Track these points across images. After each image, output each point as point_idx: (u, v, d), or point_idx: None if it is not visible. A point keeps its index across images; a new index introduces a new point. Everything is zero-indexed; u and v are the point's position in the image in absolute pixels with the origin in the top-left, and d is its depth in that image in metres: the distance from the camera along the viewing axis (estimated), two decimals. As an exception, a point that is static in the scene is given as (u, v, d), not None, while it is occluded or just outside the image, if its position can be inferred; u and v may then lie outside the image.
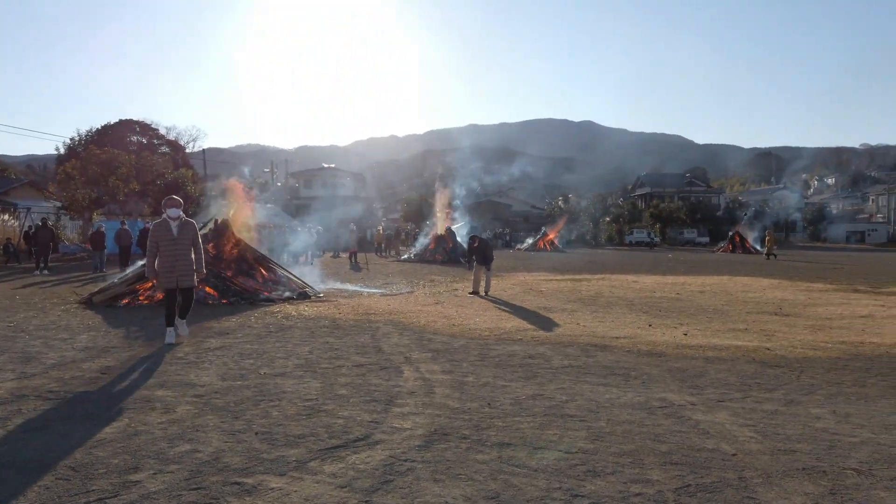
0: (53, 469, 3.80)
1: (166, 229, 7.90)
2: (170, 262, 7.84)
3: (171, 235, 7.87)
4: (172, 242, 7.86)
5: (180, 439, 4.34)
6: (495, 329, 9.21)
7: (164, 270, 7.87)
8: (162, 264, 7.86)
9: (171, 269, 7.86)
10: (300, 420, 4.81)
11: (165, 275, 7.88)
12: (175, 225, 7.94)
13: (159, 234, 7.89)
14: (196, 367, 6.65)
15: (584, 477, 3.71)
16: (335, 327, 9.38)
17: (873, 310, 11.40)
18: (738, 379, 6.17)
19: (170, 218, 7.97)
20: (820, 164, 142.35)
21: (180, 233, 7.92)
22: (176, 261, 7.85)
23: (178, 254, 7.87)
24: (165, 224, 7.94)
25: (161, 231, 7.91)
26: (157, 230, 7.94)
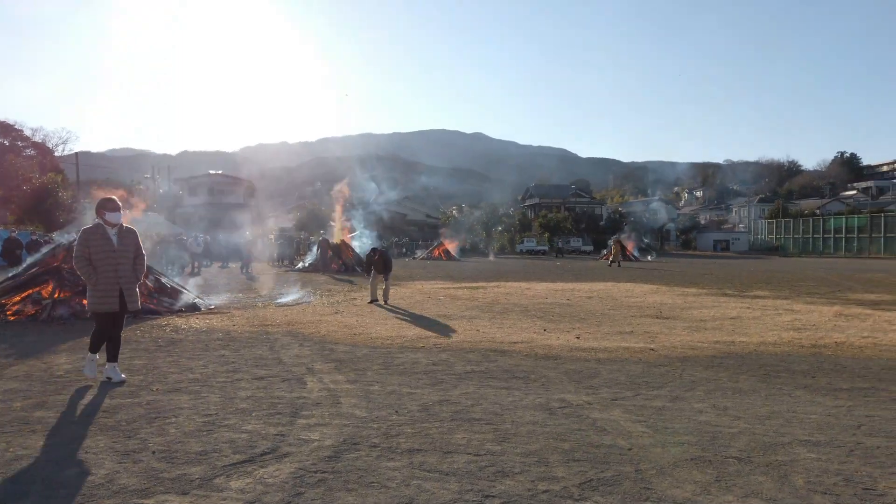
0: (-81, 503, 3.42)
1: (103, 238, 6.39)
2: (111, 278, 6.37)
3: (109, 246, 6.39)
4: (112, 255, 6.40)
5: (68, 462, 4.04)
6: (397, 337, 9.23)
7: (105, 289, 6.35)
8: (101, 282, 6.34)
9: (112, 288, 6.38)
10: (200, 436, 4.61)
11: (106, 295, 6.35)
12: (114, 233, 6.47)
13: (94, 245, 6.35)
14: (79, 385, 6.19)
15: (494, 478, 3.82)
16: (230, 339, 9.04)
17: (741, 311, 12.48)
18: (628, 378, 6.57)
19: (107, 224, 6.45)
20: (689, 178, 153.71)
21: (121, 243, 6.47)
22: (119, 277, 6.41)
23: (120, 269, 6.42)
24: (101, 231, 6.42)
25: (96, 240, 6.36)
26: (89, 239, 6.37)
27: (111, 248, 6.41)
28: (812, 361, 7.51)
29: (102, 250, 6.36)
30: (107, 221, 6.46)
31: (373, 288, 14.69)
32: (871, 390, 6.08)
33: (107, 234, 6.42)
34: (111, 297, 6.37)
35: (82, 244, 6.39)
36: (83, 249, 6.37)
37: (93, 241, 6.37)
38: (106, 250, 6.38)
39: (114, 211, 6.47)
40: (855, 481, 3.76)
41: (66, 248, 12.47)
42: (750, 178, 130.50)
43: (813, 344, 8.69)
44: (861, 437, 4.60)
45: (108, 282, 6.36)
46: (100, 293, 6.36)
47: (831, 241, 64.02)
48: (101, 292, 6.36)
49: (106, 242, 6.39)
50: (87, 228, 6.47)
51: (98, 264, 6.33)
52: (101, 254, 6.34)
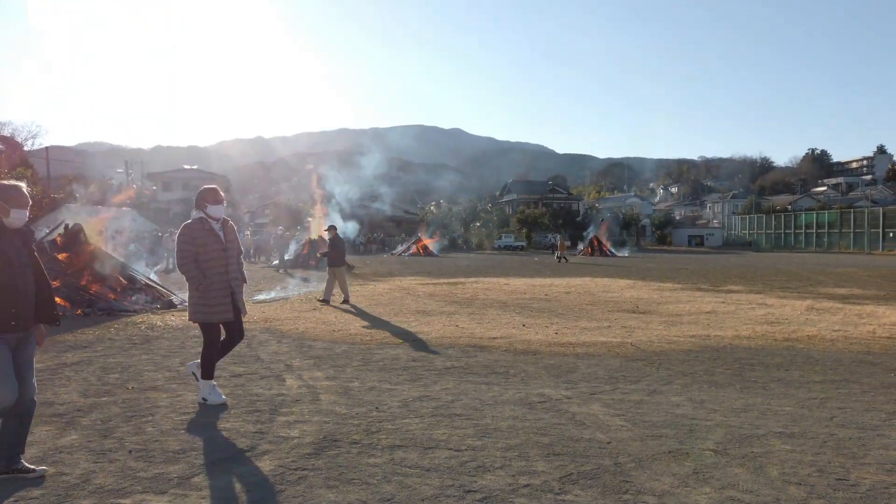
0: None
1: (210, 234, 5.41)
2: (223, 280, 5.39)
3: (218, 243, 5.42)
4: (222, 253, 5.42)
5: (42, 462, 3.96)
6: (376, 334, 9.21)
7: (217, 295, 5.35)
8: (212, 286, 5.34)
9: (225, 293, 5.40)
10: (178, 434, 4.56)
11: (218, 301, 5.36)
12: (219, 227, 5.50)
13: (201, 242, 5.36)
14: (52, 383, 6.08)
15: (475, 473, 3.84)
16: (207, 337, 8.93)
17: (715, 306, 12.67)
18: (607, 373, 6.63)
19: (210, 218, 5.47)
20: (664, 175, 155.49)
21: (227, 239, 5.51)
22: (231, 279, 5.45)
23: (230, 269, 5.45)
24: (207, 226, 5.42)
25: (203, 237, 5.37)
26: (195, 236, 5.37)
27: (220, 245, 5.42)
28: (785, 355, 7.66)
29: (212, 249, 5.37)
30: (210, 215, 5.46)
31: (329, 285, 13.66)
32: (843, 382, 6.22)
33: (213, 230, 5.44)
34: (224, 304, 5.39)
35: (188, 242, 5.36)
36: (189, 248, 5.35)
37: (200, 238, 5.35)
38: (215, 248, 5.38)
39: (217, 203, 5.50)
40: (828, 472, 3.84)
41: (36, 245, 12.22)
42: (724, 175, 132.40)
43: (786, 337, 8.86)
44: (833, 429, 4.70)
45: (220, 285, 5.37)
46: (211, 300, 5.33)
47: (802, 236, 65.24)
48: (213, 298, 5.33)
49: (214, 239, 5.40)
50: (190, 224, 5.43)
51: (206, 265, 5.34)
52: (210, 253, 5.36)
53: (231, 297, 5.44)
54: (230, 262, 5.46)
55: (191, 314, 5.46)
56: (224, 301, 5.39)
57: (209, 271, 5.34)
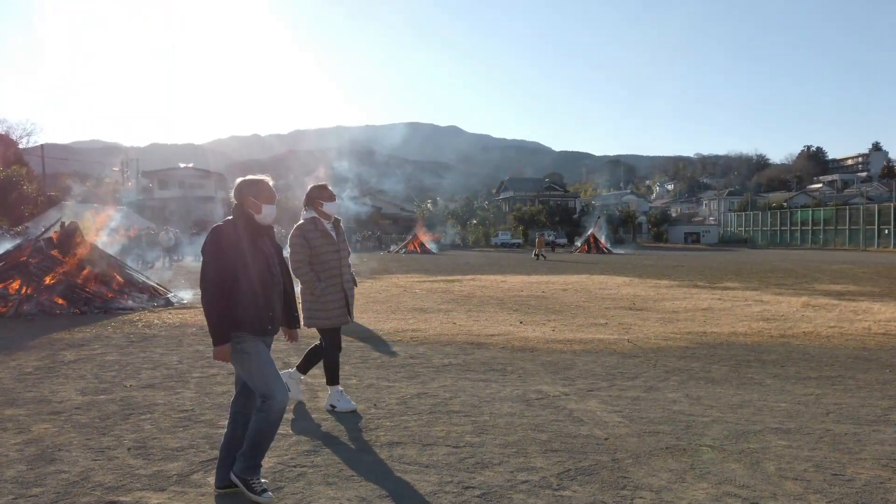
0: None
1: (324, 234, 5.10)
2: (338, 283, 5.13)
3: (332, 244, 5.13)
4: (336, 255, 5.14)
5: (41, 460, 3.96)
6: (374, 331, 9.22)
7: (333, 298, 5.10)
8: (328, 290, 5.09)
9: (340, 296, 5.14)
10: (176, 432, 4.56)
11: (335, 305, 5.12)
12: (331, 227, 5.21)
13: (315, 243, 5.05)
14: (50, 382, 6.07)
15: (474, 469, 3.85)
16: (204, 334, 8.93)
17: (712, 303, 12.71)
18: (604, 369, 6.65)
19: (324, 216, 5.17)
20: (660, 172, 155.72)
21: (339, 239, 5.22)
22: (344, 282, 5.20)
23: (344, 271, 5.21)
24: (320, 226, 5.11)
25: (316, 238, 5.05)
26: (308, 236, 5.04)
27: (334, 246, 5.14)
28: (781, 351, 7.69)
29: (325, 250, 5.09)
30: (324, 213, 5.17)
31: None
32: (839, 378, 6.25)
33: (326, 230, 5.14)
34: (340, 308, 5.14)
35: (301, 243, 5.04)
36: (303, 250, 5.04)
37: (313, 238, 5.06)
38: (329, 250, 5.10)
39: (332, 200, 5.21)
40: (824, 467, 3.87)
41: (31, 243, 12.21)
42: (720, 172, 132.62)
43: (782, 334, 8.89)
44: (830, 425, 4.73)
45: (336, 289, 5.12)
46: (328, 304, 5.10)
47: (798, 233, 65.45)
48: (329, 302, 5.10)
49: (328, 240, 5.11)
50: (303, 224, 5.12)
51: (321, 267, 5.07)
52: (324, 255, 5.08)
53: (345, 301, 5.17)
54: (343, 263, 5.20)
55: (306, 320, 5.09)
56: (340, 305, 5.13)
57: (323, 274, 5.07)
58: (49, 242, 12.49)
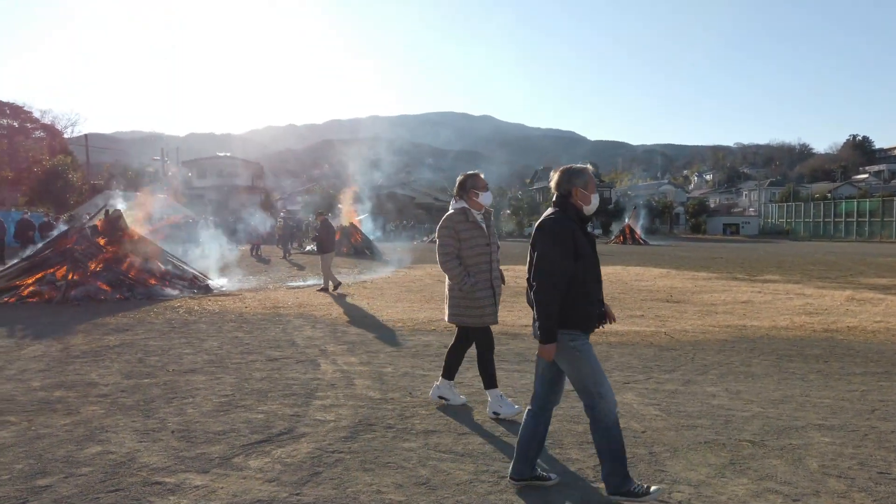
0: (-54, 480, 3.50)
1: (474, 227, 4.77)
2: (487, 279, 4.76)
3: (482, 237, 4.78)
4: (486, 248, 4.79)
5: (89, 441, 4.11)
6: (408, 320, 9.27)
7: (483, 295, 4.73)
8: (479, 286, 4.72)
9: (489, 293, 4.77)
10: (218, 416, 4.67)
11: (485, 303, 4.74)
12: (482, 219, 4.85)
13: (465, 235, 4.73)
14: (97, 365, 6.27)
15: (509, 460, 3.85)
16: (243, 321, 9.11)
17: (751, 296, 12.45)
18: (640, 362, 6.58)
19: (476, 207, 4.83)
20: (699, 162, 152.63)
21: (490, 232, 4.86)
22: (493, 278, 4.83)
23: (494, 266, 4.85)
24: (471, 218, 4.77)
25: (466, 230, 4.74)
26: (458, 228, 4.74)
27: (485, 239, 4.80)
28: (825, 346, 7.50)
29: (476, 244, 4.75)
30: (476, 204, 4.82)
31: (326, 273, 13.25)
32: (885, 375, 6.07)
33: (477, 222, 4.80)
34: (490, 305, 4.78)
35: (450, 236, 4.75)
36: (452, 242, 4.74)
37: (463, 230, 4.74)
38: (480, 243, 4.76)
39: (486, 190, 4.87)
40: (869, 465, 3.78)
41: (78, 230, 12.57)
42: (760, 162, 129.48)
43: (825, 328, 8.67)
44: (875, 422, 4.61)
45: (486, 285, 4.76)
46: (478, 301, 4.73)
47: (842, 225, 63.55)
48: (480, 300, 4.73)
49: (479, 233, 4.77)
50: (452, 215, 4.81)
51: (471, 261, 4.74)
52: (474, 248, 4.74)
53: (494, 298, 4.81)
54: (493, 258, 4.84)
55: (452, 316, 4.85)
56: (490, 303, 4.76)
57: (473, 269, 4.73)
58: (94, 230, 12.85)
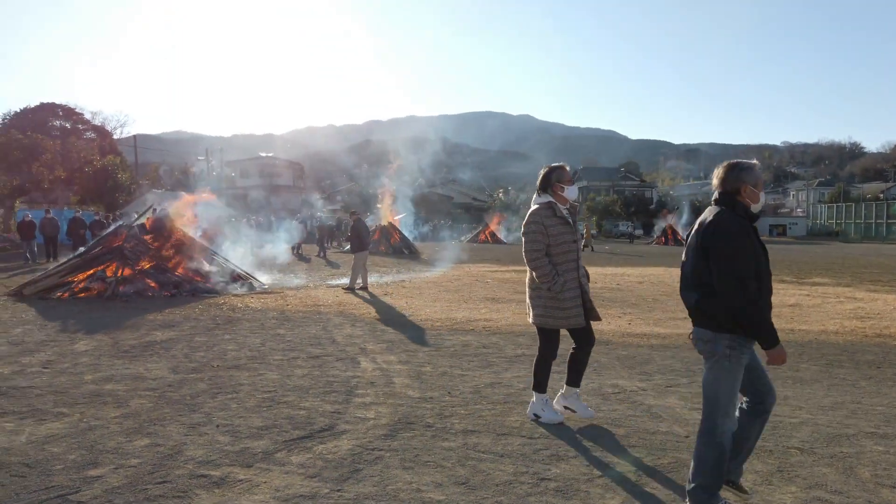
0: (6, 466, 3.64)
1: (561, 222, 4.51)
2: (574, 278, 4.50)
3: (569, 233, 4.53)
4: (573, 245, 4.56)
5: (138, 433, 4.23)
6: (446, 320, 9.29)
7: (570, 296, 4.47)
8: (566, 286, 4.46)
9: (576, 293, 4.51)
10: (261, 412, 4.75)
11: (571, 304, 4.48)
12: (567, 214, 4.59)
13: (552, 231, 4.46)
14: (144, 360, 6.46)
15: (549, 461, 3.83)
16: (285, 319, 9.26)
17: (799, 299, 12.09)
18: (683, 365, 6.46)
19: (561, 201, 4.58)
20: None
21: (576, 228, 4.65)
22: (580, 276, 4.57)
23: (580, 265, 4.61)
24: (557, 212, 4.52)
25: (553, 225, 4.48)
26: (545, 223, 4.47)
27: (572, 235, 4.55)
28: (877, 351, 7.24)
29: (563, 240, 4.49)
30: (562, 198, 4.58)
31: (355, 272, 13.25)
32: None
33: (564, 217, 4.54)
34: (577, 307, 4.50)
35: (538, 231, 4.47)
36: (540, 237, 4.46)
37: (551, 226, 4.47)
38: (568, 239, 4.51)
39: (571, 184, 4.64)
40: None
41: (126, 229, 12.95)
42: (809, 161, 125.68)
43: (878, 333, 8.37)
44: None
45: (573, 284, 4.49)
46: (565, 302, 4.46)
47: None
48: (567, 301, 4.46)
49: (566, 228, 4.51)
50: (539, 209, 4.55)
51: (559, 259, 4.47)
52: (561, 245, 4.48)
53: (582, 298, 4.54)
54: (579, 255, 4.61)
55: (536, 317, 4.60)
56: (577, 303, 4.49)
57: (560, 266, 4.46)
58: (142, 228, 13.22)
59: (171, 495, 3.30)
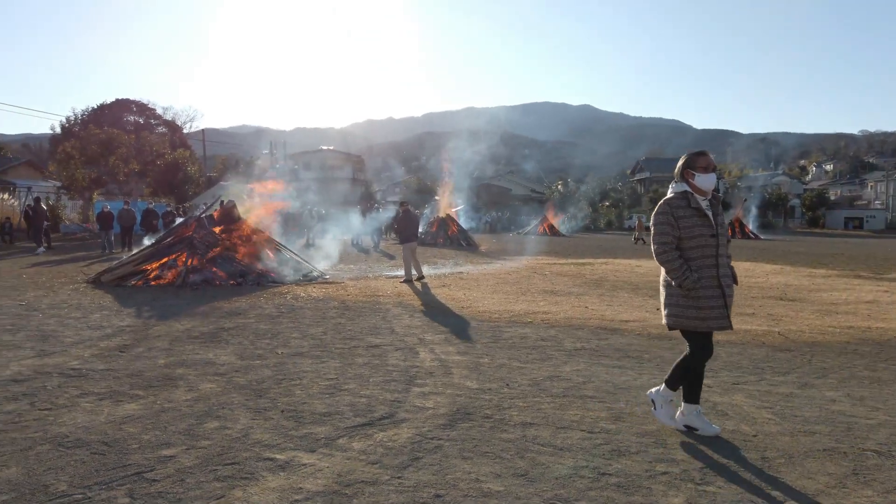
0: (87, 444, 3.85)
1: (697, 214, 4.09)
2: (713, 277, 4.05)
3: (708, 227, 4.08)
4: (711, 241, 4.07)
5: (208, 416, 4.40)
6: (504, 312, 9.27)
7: (707, 295, 4.02)
8: (702, 284, 4.02)
9: (716, 293, 4.04)
10: (323, 398, 4.87)
11: (709, 304, 4.02)
12: (706, 205, 4.16)
13: (686, 223, 4.06)
14: (213, 346, 6.71)
15: (610, 456, 3.78)
16: (345, 308, 9.43)
17: (877, 295, 11.49)
18: (751, 362, 6.24)
19: (697, 191, 4.16)
20: (818, 151, 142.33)
21: (719, 222, 4.16)
22: (721, 276, 4.07)
23: (721, 262, 4.10)
24: (693, 203, 4.11)
25: (686, 217, 4.07)
26: (676, 214, 4.09)
27: (710, 228, 4.08)
28: (964, 352, 6.81)
29: (699, 233, 4.05)
30: (697, 188, 4.15)
31: (407, 263, 13.28)
32: None
33: (701, 208, 4.10)
34: (718, 308, 4.04)
35: (667, 223, 4.09)
36: (670, 230, 4.08)
37: (684, 217, 4.08)
38: (704, 233, 4.06)
39: (708, 171, 4.15)
40: None
41: (195, 220, 13.44)
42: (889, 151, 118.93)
43: (965, 333, 7.87)
44: None
45: (711, 283, 4.04)
46: (701, 302, 4.02)
47: None
48: (704, 300, 4.02)
49: (702, 221, 4.07)
50: (671, 199, 4.17)
51: (692, 254, 4.07)
52: (696, 239, 4.05)
53: (723, 299, 4.07)
54: (721, 252, 4.11)
55: (670, 317, 4.16)
56: (717, 304, 4.03)
57: (694, 263, 4.05)
58: (210, 219, 13.71)
59: (240, 476, 3.42)
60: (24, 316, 8.41)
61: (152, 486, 3.29)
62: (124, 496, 3.18)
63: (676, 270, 4.04)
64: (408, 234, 13.52)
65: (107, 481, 3.34)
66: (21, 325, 7.73)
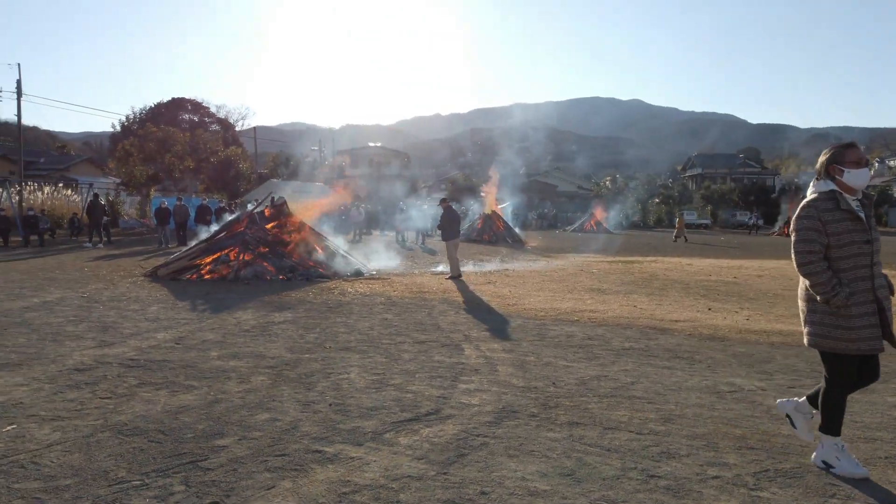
0: (145, 432, 4.00)
1: (850, 217, 3.47)
2: (867, 290, 3.44)
3: (862, 232, 3.46)
4: (867, 247, 3.47)
5: (259, 408, 4.51)
6: (550, 310, 9.19)
7: (861, 312, 3.40)
8: (855, 299, 3.40)
9: (870, 309, 3.43)
10: (370, 393, 4.93)
11: (862, 322, 3.40)
12: (857, 206, 3.53)
13: (834, 229, 3.44)
14: (264, 339, 6.86)
15: (659, 458, 3.71)
16: (391, 304, 9.52)
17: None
18: (808, 366, 6.03)
19: (846, 190, 3.53)
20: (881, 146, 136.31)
21: (872, 226, 3.51)
22: (877, 289, 3.47)
23: (876, 271, 3.48)
24: (844, 205, 3.48)
25: (837, 220, 3.45)
26: (825, 219, 3.46)
27: (863, 234, 3.47)
28: None
29: (851, 240, 3.45)
30: (846, 186, 3.53)
31: (452, 260, 13.30)
32: None
33: (853, 210, 3.48)
34: (871, 327, 3.42)
35: (813, 228, 3.46)
36: (817, 237, 3.46)
37: (833, 221, 3.46)
38: (857, 240, 3.45)
39: (861, 166, 3.51)
40: None
41: (247, 216, 13.76)
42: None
43: None
44: None
45: (865, 297, 3.43)
46: (852, 321, 3.40)
47: None
48: (855, 319, 3.40)
49: (855, 226, 3.46)
50: (816, 200, 3.53)
51: (843, 265, 3.46)
52: (847, 247, 3.45)
53: (880, 317, 3.45)
54: (875, 262, 3.50)
55: (812, 336, 3.57)
56: (871, 322, 3.42)
57: (845, 274, 3.45)
58: (262, 216, 14.01)
59: (290, 468, 3.50)
60: (85, 308, 8.78)
61: (206, 475, 3.39)
62: (179, 483, 3.29)
63: (824, 285, 3.42)
64: (451, 231, 13.59)
65: (163, 469, 3.46)
66: (83, 317, 8.06)
